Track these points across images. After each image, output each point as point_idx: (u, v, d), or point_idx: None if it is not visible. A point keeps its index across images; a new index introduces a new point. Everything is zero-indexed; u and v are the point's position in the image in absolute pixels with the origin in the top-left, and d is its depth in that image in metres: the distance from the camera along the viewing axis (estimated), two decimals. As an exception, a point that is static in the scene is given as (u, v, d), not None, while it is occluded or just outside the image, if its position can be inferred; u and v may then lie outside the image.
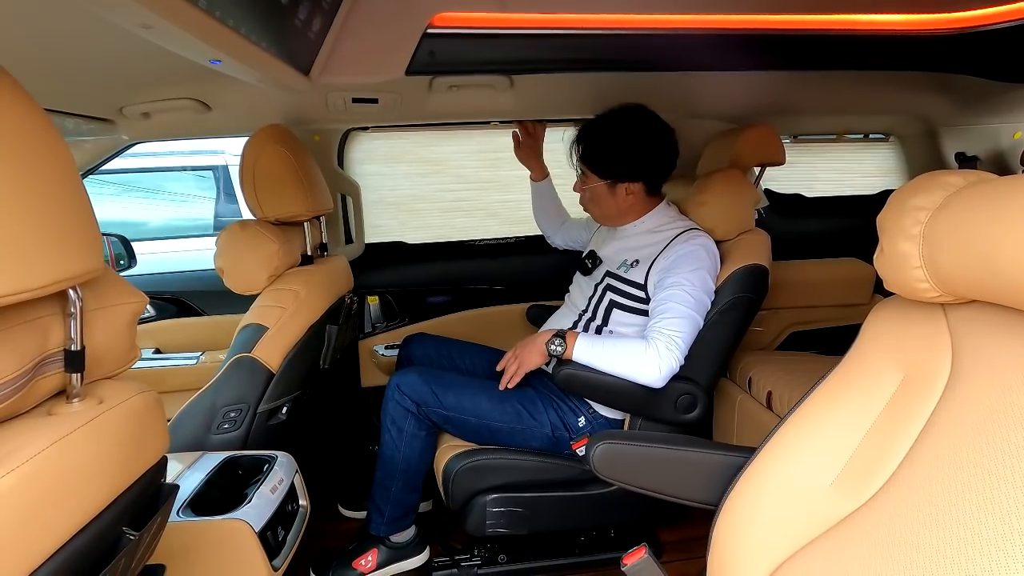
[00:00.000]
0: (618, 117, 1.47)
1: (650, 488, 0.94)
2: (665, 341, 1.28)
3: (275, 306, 1.33)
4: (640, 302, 1.43)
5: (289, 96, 1.52)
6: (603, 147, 1.47)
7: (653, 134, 1.45)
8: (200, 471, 1.14)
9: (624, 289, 1.46)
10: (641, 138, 1.44)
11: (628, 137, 1.45)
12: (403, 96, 1.58)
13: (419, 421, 1.40)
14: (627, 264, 1.47)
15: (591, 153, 1.49)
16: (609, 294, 1.47)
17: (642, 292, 1.42)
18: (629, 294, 1.45)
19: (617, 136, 1.46)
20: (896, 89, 1.78)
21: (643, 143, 1.44)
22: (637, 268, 1.45)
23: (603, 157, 1.47)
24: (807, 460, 0.86)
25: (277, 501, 1.10)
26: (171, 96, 1.46)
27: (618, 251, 1.52)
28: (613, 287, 1.48)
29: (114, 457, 0.62)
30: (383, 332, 2.02)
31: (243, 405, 1.29)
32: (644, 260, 1.44)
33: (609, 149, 1.47)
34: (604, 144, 1.47)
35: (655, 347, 1.28)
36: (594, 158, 1.48)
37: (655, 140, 1.45)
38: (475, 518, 1.39)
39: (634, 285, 1.44)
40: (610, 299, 1.47)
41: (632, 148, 1.44)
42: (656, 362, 1.27)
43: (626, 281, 1.46)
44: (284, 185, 1.38)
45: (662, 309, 1.33)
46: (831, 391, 0.88)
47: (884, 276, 0.78)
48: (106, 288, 0.66)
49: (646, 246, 1.47)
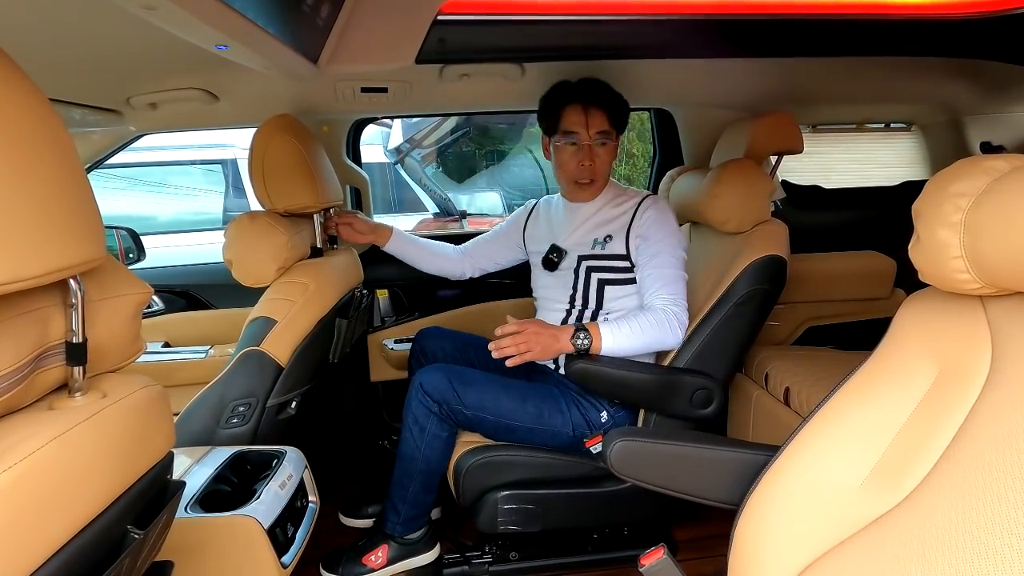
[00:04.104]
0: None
1: (668, 487, 0.91)
2: (671, 304, 1.35)
3: (284, 299, 1.31)
4: (627, 272, 1.45)
5: (297, 85, 1.50)
6: (618, 98, 1.46)
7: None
8: (209, 466, 1.13)
9: (609, 264, 1.46)
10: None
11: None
12: (413, 85, 1.55)
13: (441, 421, 1.37)
14: (599, 242, 1.48)
15: (617, 108, 1.46)
16: (595, 275, 1.47)
17: (626, 262, 1.45)
18: (615, 267, 1.45)
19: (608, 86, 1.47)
20: (920, 76, 1.73)
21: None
22: (613, 242, 1.46)
23: (624, 110, 1.47)
24: (835, 459, 0.83)
25: (287, 497, 1.08)
26: (178, 86, 1.44)
27: (584, 235, 1.50)
28: (596, 267, 1.47)
29: (118, 453, 0.60)
30: (393, 326, 2.00)
31: (252, 399, 1.28)
32: (617, 232, 1.46)
33: (620, 99, 1.47)
34: (615, 95, 1.46)
35: (666, 311, 1.33)
36: (620, 113, 1.47)
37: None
38: (487, 515, 1.37)
39: (617, 258, 1.45)
40: (598, 279, 1.46)
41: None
42: (675, 323, 1.33)
43: (607, 257, 1.46)
44: (293, 176, 1.36)
45: (656, 277, 1.38)
46: (860, 387, 0.85)
47: (920, 267, 0.74)
48: (109, 278, 0.64)
49: (613, 219, 1.48)
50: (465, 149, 5.35)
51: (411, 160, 4.28)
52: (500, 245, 1.71)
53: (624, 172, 6.40)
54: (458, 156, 5.44)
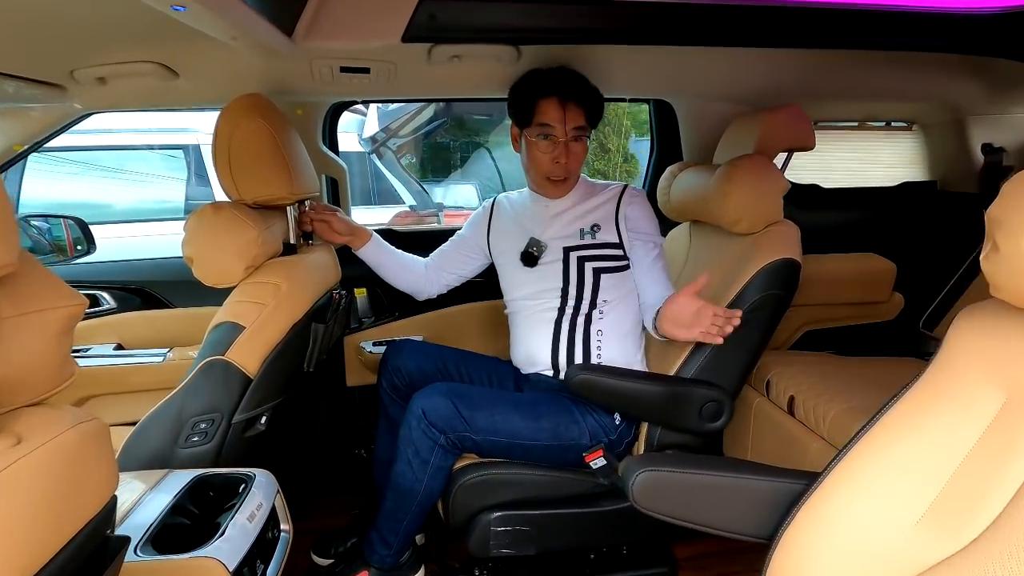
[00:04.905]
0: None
1: (696, 521, 0.81)
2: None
3: (253, 302, 1.16)
4: (620, 260, 1.41)
5: (268, 62, 1.34)
6: (595, 92, 1.39)
7: None
8: (165, 492, 0.98)
9: (602, 253, 1.40)
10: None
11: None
12: (398, 66, 1.41)
13: (447, 452, 1.24)
14: (587, 232, 1.41)
15: (594, 103, 1.39)
16: (589, 264, 1.39)
17: (619, 250, 1.40)
18: (609, 256, 1.40)
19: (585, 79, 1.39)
20: (926, 73, 1.67)
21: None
22: (603, 231, 1.41)
23: (600, 104, 1.40)
24: (884, 492, 0.74)
25: (255, 531, 0.95)
26: (131, 59, 1.27)
27: (564, 227, 1.42)
28: (589, 256, 1.39)
29: (36, 517, 0.46)
30: (371, 327, 1.86)
31: (215, 415, 1.13)
32: (605, 220, 1.41)
33: (597, 93, 1.39)
34: (592, 89, 1.39)
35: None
36: (597, 108, 1.40)
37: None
38: (478, 537, 1.26)
39: (610, 246, 1.40)
40: (593, 268, 1.39)
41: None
42: None
43: (599, 246, 1.40)
44: (264, 163, 1.21)
45: (658, 277, 1.37)
46: (910, 413, 0.76)
47: (994, 279, 0.65)
48: (28, 289, 0.50)
49: (596, 208, 1.43)
50: (440, 140, 5.22)
51: (387, 150, 4.12)
52: (463, 255, 1.57)
53: (599, 167, 6.34)
54: (434, 147, 5.31)
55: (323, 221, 1.46)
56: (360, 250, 1.52)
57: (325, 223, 1.46)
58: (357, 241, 1.51)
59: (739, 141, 1.55)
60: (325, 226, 1.46)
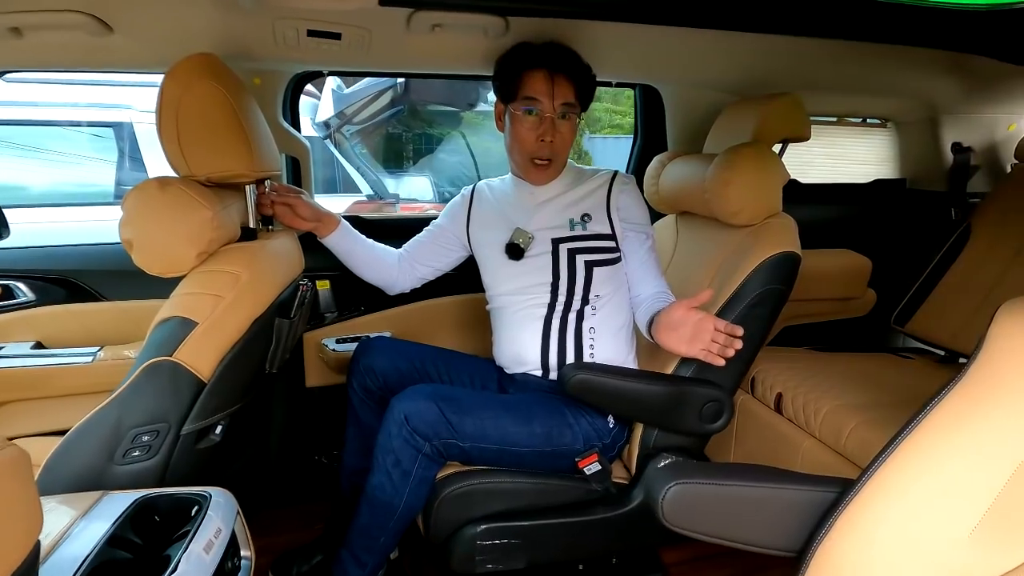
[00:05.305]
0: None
1: (731, 537, 0.73)
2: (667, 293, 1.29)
3: (207, 293, 1.00)
4: (612, 252, 1.32)
5: (223, 18, 1.18)
6: (587, 69, 1.30)
7: None
8: (101, 520, 0.82)
9: (594, 245, 1.30)
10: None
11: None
12: (373, 33, 1.27)
13: (431, 461, 1.12)
14: (577, 223, 1.31)
15: (585, 80, 1.29)
16: (580, 257, 1.29)
17: (611, 241, 1.31)
18: (600, 248, 1.30)
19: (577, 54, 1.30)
20: (906, 68, 1.68)
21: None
22: (594, 221, 1.31)
23: (591, 83, 1.31)
24: (929, 501, 0.68)
25: (214, 564, 0.80)
26: (54, 6, 1.08)
27: (551, 217, 1.32)
28: (580, 249, 1.29)
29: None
30: (333, 323, 1.71)
31: (161, 425, 0.97)
32: (596, 209, 1.32)
33: (589, 70, 1.30)
34: (584, 65, 1.29)
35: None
36: (588, 86, 1.30)
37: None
38: (462, 553, 1.15)
39: (601, 237, 1.31)
40: (585, 260, 1.29)
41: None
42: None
43: (590, 237, 1.30)
44: (219, 133, 1.04)
45: (649, 268, 1.31)
46: (955, 414, 0.70)
47: None
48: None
49: (585, 197, 1.33)
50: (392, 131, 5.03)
51: (341, 136, 3.92)
52: (440, 246, 1.44)
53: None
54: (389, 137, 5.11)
55: (286, 204, 1.30)
56: (327, 238, 1.37)
57: (288, 207, 1.30)
58: (324, 228, 1.36)
59: (734, 129, 1.50)
60: (288, 210, 1.31)
